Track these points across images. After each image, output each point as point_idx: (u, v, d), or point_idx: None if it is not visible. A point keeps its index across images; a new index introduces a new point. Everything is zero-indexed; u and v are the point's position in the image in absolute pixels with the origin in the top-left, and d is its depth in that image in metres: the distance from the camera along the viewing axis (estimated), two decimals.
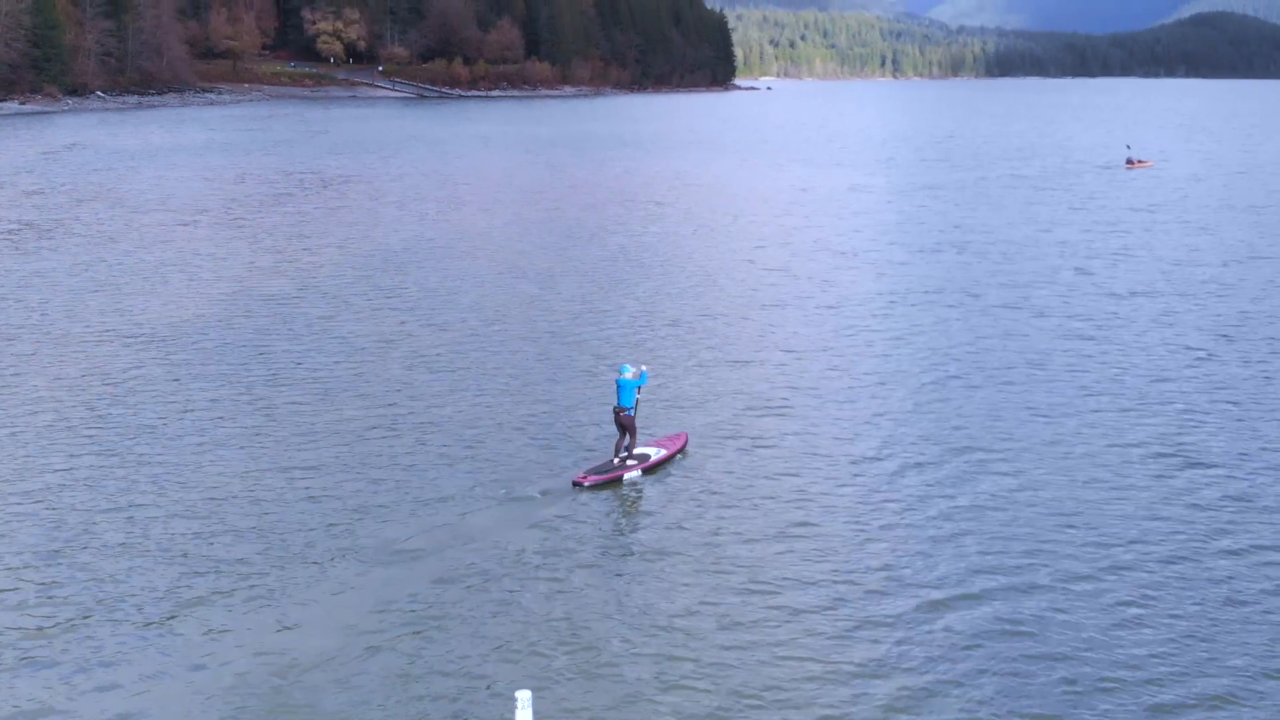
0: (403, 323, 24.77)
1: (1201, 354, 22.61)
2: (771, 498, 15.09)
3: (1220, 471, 16.15)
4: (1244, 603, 12.29)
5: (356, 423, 17.96)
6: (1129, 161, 62.19)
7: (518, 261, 32.18)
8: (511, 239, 36.46)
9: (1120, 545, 13.59)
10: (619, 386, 15.93)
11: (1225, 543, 13.79)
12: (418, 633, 11.52)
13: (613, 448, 16.16)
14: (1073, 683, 10.78)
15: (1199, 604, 12.19)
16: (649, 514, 14.68)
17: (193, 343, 22.65)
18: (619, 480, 15.52)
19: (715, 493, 15.25)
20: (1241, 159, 70.44)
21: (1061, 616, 12.00)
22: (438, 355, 22.19)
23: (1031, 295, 28.18)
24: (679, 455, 16.57)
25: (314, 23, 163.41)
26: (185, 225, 38.40)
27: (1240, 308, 26.87)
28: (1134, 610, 12.07)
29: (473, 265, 31.61)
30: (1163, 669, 10.99)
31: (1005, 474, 16.01)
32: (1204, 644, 11.39)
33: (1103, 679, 10.85)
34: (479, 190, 50.36)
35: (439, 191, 49.34)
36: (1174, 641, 11.45)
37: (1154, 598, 12.31)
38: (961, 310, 26.79)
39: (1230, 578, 12.79)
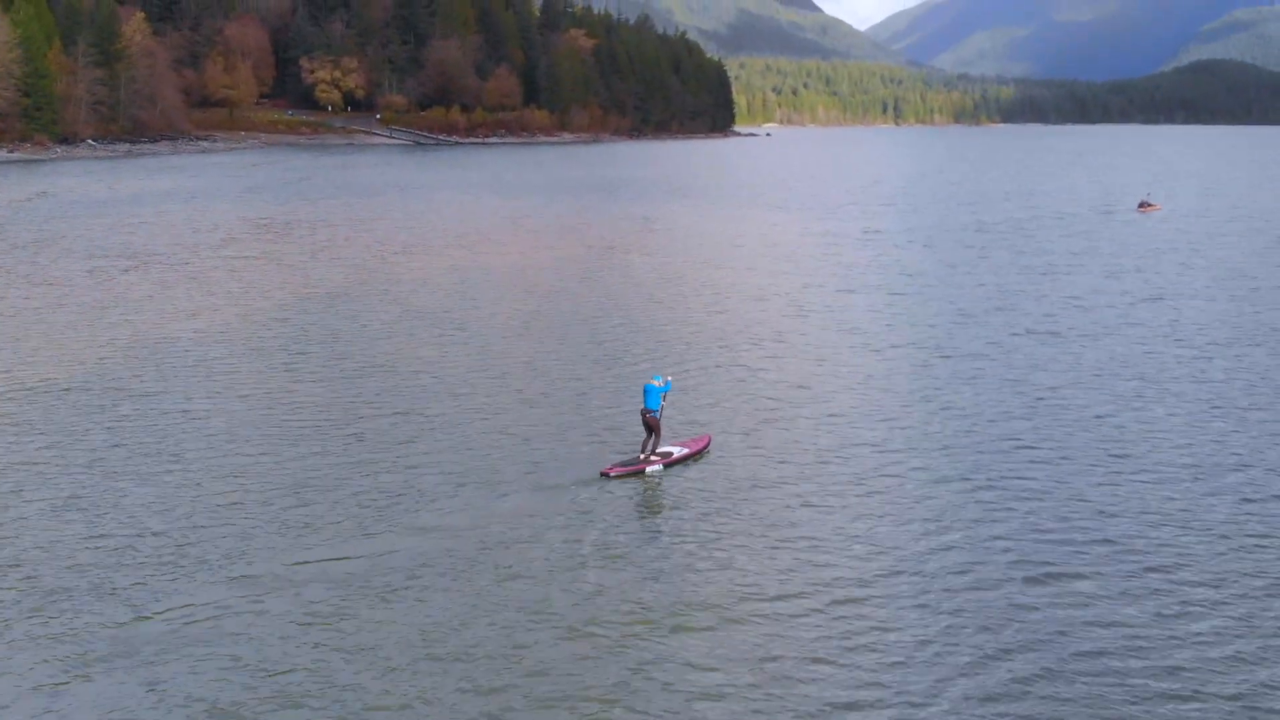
0: (434, 339, 25.29)
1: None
2: (782, 497, 16.22)
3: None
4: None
5: (400, 417, 20.18)
6: (1141, 205, 64.64)
7: (507, 294, 32.06)
8: (439, 285, 36.10)
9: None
10: (647, 391, 17.50)
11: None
12: (455, 599, 12.88)
13: (639, 445, 17.79)
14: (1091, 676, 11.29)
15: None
16: (667, 503, 16.17)
17: (90, 384, 21.79)
18: (642, 473, 17.11)
19: (732, 489, 16.54)
20: (1222, 204, 71.07)
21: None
22: (463, 369, 24.15)
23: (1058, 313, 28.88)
24: (701, 455, 18.02)
25: (312, 71, 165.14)
26: (113, 270, 37.60)
27: (1147, 348, 26.77)
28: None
29: (427, 301, 31.14)
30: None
31: (1028, 469, 17.50)
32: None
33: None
34: (419, 234, 50.38)
35: (377, 236, 49.19)
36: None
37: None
38: (963, 332, 28.44)
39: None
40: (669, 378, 18.80)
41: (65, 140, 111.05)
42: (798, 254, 44.48)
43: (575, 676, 11.19)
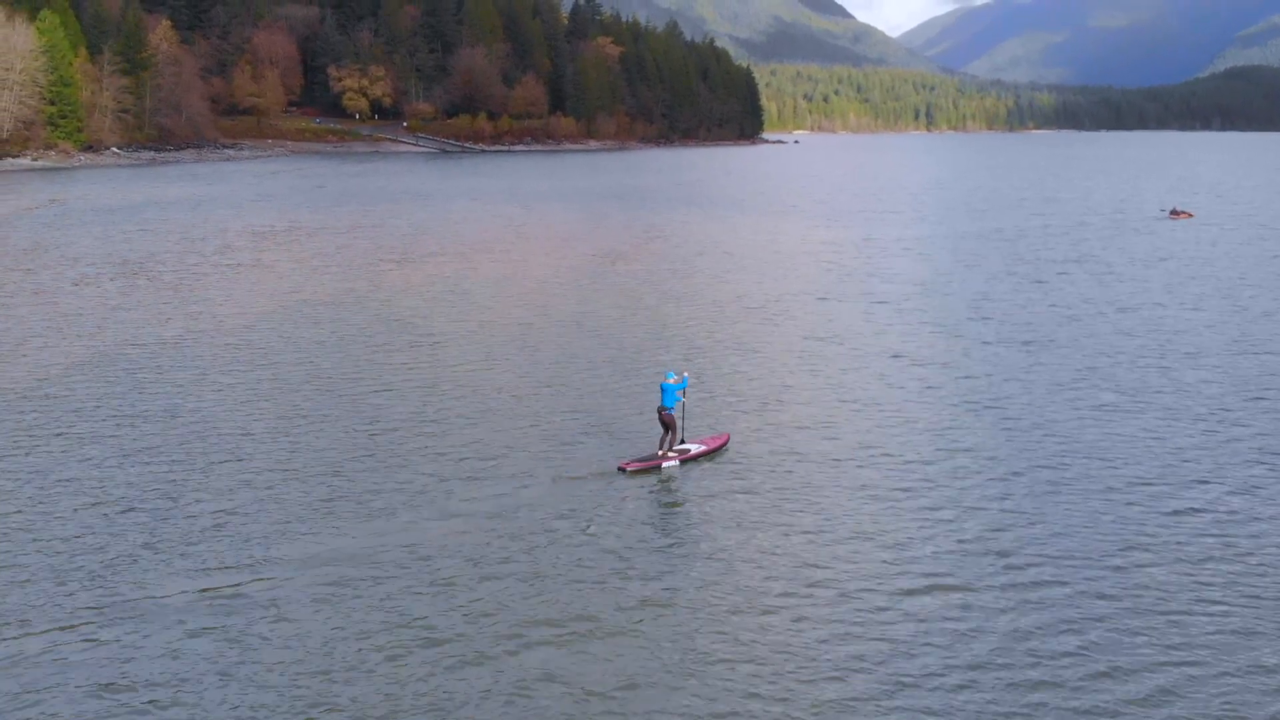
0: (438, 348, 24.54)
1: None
2: (794, 496, 16.57)
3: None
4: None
5: (423, 413, 20.79)
6: (1173, 212, 64.07)
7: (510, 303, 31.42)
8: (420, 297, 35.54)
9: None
10: (663, 389, 18.17)
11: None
12: (482, 580, 13.48)
13: (657, 441, 18.52)
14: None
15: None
16: (678, 499, 16.69)
17: (67, 393, 21.61)
18: (659, 468, 17.75)
19: (743, 487, 16.95)
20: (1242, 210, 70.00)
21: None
22: (477, 369, 24.63)
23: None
24: (718, 453, 18.53)
25: (339, 79, 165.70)
26: (99, 278, 37.23)
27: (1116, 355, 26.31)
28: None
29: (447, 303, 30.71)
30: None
31: (1034, 475, 17.57)
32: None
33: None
34: (419, 243, 49.76)
35: (372, 244, 48.64)
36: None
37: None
38: (975, 333, 28.91)
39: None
40: (685, 374, 19.28)
41: (90, 148, 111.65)
42: (811, 261, 43.75)
43: (578, 673, 11.29)
